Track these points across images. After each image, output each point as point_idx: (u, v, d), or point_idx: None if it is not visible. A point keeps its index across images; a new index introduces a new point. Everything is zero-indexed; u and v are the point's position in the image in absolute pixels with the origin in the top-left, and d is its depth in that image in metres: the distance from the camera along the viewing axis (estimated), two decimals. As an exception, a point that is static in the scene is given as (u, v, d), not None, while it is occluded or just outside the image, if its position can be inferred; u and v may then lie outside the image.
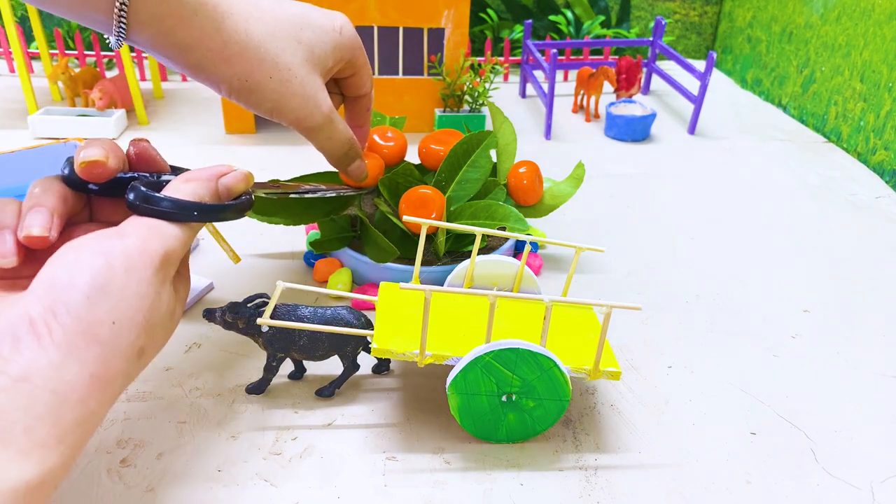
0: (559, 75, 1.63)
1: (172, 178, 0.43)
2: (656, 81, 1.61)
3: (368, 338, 0.57)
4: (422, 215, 0.68)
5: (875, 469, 0.55)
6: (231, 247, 0.63)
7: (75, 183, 0.43)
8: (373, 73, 1.16)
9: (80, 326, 0.33)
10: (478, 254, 0.64)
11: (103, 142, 0.41)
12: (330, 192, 0.65)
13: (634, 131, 1.25)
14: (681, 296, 0.77)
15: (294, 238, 0.85)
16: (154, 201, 0.40)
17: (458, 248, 0.75)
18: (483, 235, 0.68)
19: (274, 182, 0.55)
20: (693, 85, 1.56)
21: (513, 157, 0.81)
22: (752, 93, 1.59)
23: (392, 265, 0.70)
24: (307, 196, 0.62)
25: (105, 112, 1.16)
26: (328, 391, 0.59)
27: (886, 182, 1.11)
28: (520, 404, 0.53)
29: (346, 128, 0.57)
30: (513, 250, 0.80)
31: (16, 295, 0.36)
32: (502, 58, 1.62)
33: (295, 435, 0.55)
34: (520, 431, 0.55)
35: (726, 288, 0.79)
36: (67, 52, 1.48)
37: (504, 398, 0.53)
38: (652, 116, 1.25)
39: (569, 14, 1.69)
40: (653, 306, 0.75)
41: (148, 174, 0.45)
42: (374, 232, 0.69)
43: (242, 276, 0.76)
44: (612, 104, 1.28)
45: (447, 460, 0.53)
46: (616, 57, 1.59)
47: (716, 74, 1.75)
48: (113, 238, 0.37)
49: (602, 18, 1.69)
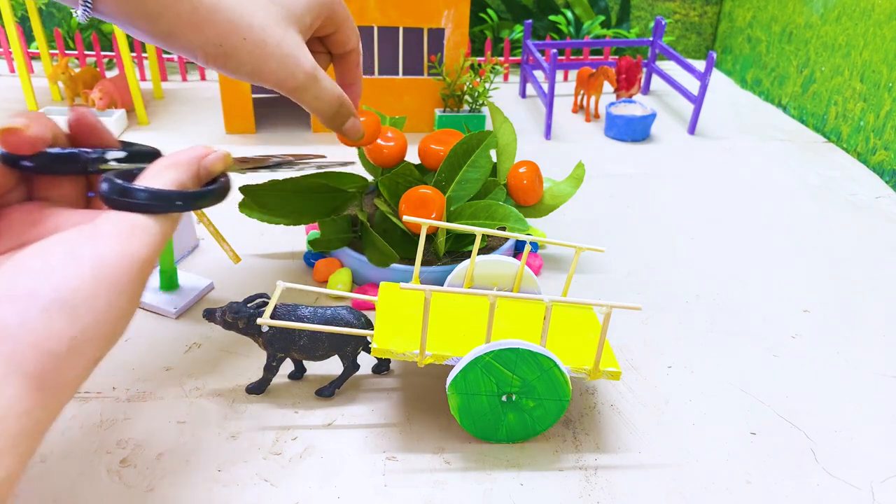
0: (559, 75, 1.62)
1: (124, 154, 0.41)
2: (656, 81, 1.61)
3: (368, 338, 0.57)
4: (422, 215, 0.68)
5: (875, 469, 0.55)
6: (231, 247, 0.63)
7: (8, 160, 0.38)
8: (373, 73, 1.17)
9: (32, 339, 0.30)
10: (478, 254, 0.64)
11: (31, 113, 0.37)
12: (312, 162, 0.56)
13: (634, 131, 1.25)
14: (681, 296, 0.77)
15: (294, 238, 0.85)
16: (131, 193, 0.36)
17: (458, 248, 0.75)
18: (483, 235, 0.68)
19: (242, 159, 0.51)
20: (693, 85, 1.56)
21: (513, 157, 0.81)
22: (752, 93, 1.59)
23: (392, 265, 0.70)
24: (283, 170, 0.54)
25: (105, 112, 1.16)
26: (328, 391, 0.59)
27: (886, 182, 1.11)
28: (520, 404, 0.53)
29: (334, 85, 0.55)
30: (513, 250, 0.80)
31: None
32: (502, 58, 1.62)
33: (295, 435, 0.55)
34: (520, 431, 0.55)
35: (726, 288, 0.79)
36: (67, 52, 1.47)
37: (504, 398, 0.53)
38: (652, 116, 1.25)
39: (569, 14, 1.70)
40: (653, 306, 0.75)
41: (90, 149, 0.40)
42: (375, 236, 0.69)
43: (242, 276, 0.76)
44: (612, 104, 1.28)
45: (447, 460, 0.53)
46: (616, 57, 1.59)
47: (716, 74, 1.75)
48: (86, 240, 0.33)
49: (602, 18, 1.69)
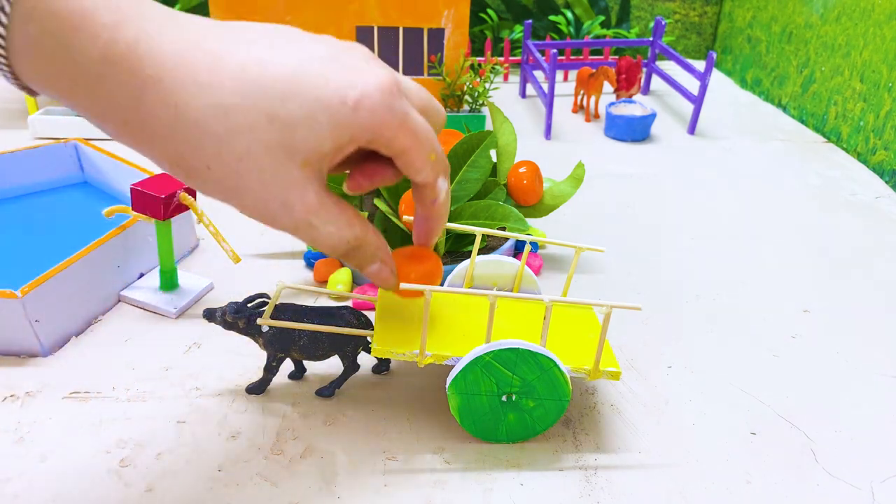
0: (559, 75, 1.62)
1: None
2: (656, 81, 1.61)
3: (368, 338, 0.57)
4: (422, 215, 0.68)
5: (875, 469, 0.55)
6: (231, 247, 0.63)
7: None
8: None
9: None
10: (478, 254, 0.64)
11: None
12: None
13: (634, 131, 1.25)
14: (681, 296, 0.77)
15: (294, 238, 0.84)
16: None
17: (458, 248, 0.75)
18: (483, 235, 0.68)
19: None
20: (693, 85, 1.56)
21: (513, 157, 0.81)
22: (752, 93, 1.59)
23: (392, 265, 0.70)
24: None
25: (105, 112, 1.16)
26: (328, 391, 0.59)
27: (886, 182, 1.11)
28: (520, 404, 0.53)
29: (342, 229, 0.41)
30: (513, 250, 0.80)
31: None
32: (502, 58, 1.62)
33: (295, 435, 0.55)
34: (520, 431, 0.55)
35: (726, 288, 0.79)
36: (67, 52, 1.47)
37: (504, 398, 0.53)
38: (652, 116, 1.25)
39: (569, 14, 1.70)
40: (653, 306, 0.75)
41: None
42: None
43: (242, 276, 0.76)
44: (612, 104, 1.28)
45: (447, 460, 0.53)
46: (616, 57, 1.59)
47: (716, 74, 1.75)
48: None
49: (602, 18, 1.69)
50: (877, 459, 0.56)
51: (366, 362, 0.63)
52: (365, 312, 0.59)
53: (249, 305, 0.56)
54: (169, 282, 0.71)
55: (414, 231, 0.49)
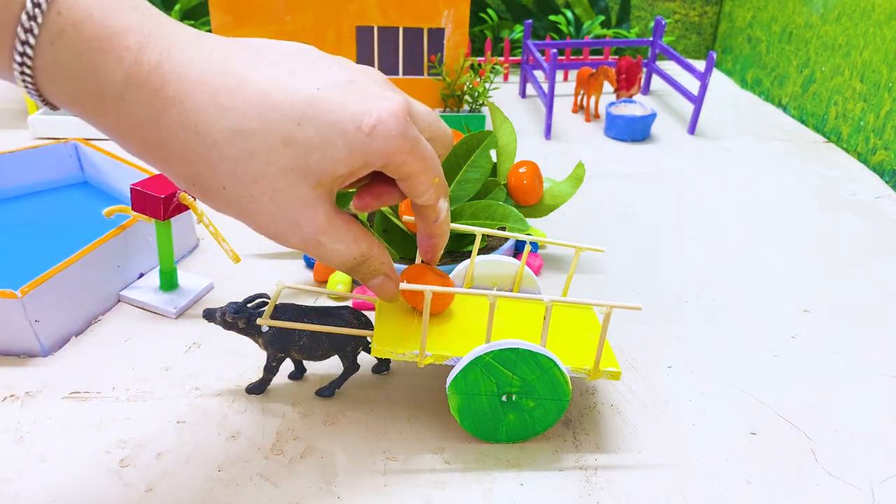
0: (559, 75, 1.62)
1: None
2: (656, 81, 1.61)
3: (368, 338, 0.57)
4: (422, 215, 0.68)
5: (875, 469, 0.55)
6: (231, 247, 0.63)
7: None
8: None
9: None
10: (478, 254, 0.64)
11: None
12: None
13: (634, 131, 1.25)
14: (681, 296, 0.77)
15: (294, 238, 0.85)
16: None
17: (458, 248, 0.75)
18: (483, 235, 0.68)
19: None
20: (693, 85, 1.56)
21: (513, 157, 0.81)
22: (752, 93, 1.59)
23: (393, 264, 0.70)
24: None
25: (105, 112, 1.16)
26: (328, 391, 0.59)
27: (886, 182, 1.11)
28: (520, 404, 0.53)
29: (350, 247, 0.43)
30: (513, 250, 0.80)
31: None
32: (502, 58, 1.62)
33: (295, 435, 0.55)
34: (520, 431, 0.55)
35: (726, 288, 0.79)
36: (67, 52, 1.47)
37: (504, 398, 0.53)
38: (652, 116, 1.25)
39: (569, 14, 1.70)
40: (653, 306, 0.75)
41: None
42: (375, 235, 0.69)
43: (242, 276, 0.76)
44: (612, 104, 1.28)
45: (447, 460, 0.53)
46: (616, 57, 1.59)
47: (716, 74, 1.75)
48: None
49: (602, 18, 1.69)
50: (877, 459, 0.56)
51: (366, 362, 0.63)
52: (365, 312, 0.59)
53: (249, 305, 0.56)
54: (169, 282, 0.71)
55: (419, 249, 0.51)
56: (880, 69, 1.16)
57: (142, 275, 0.74)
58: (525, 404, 0.53)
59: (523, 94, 1.49)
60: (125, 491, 0.49)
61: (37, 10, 0.31)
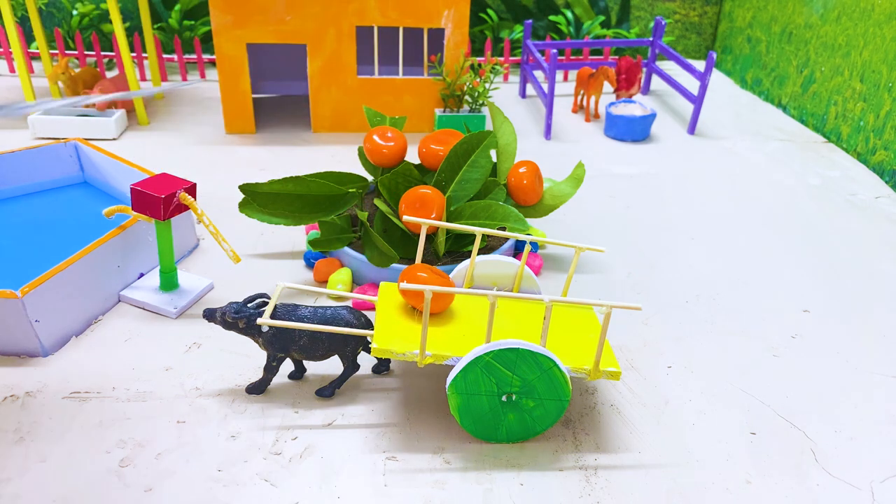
0: (559, 75, 1.62)
1: None
2: (656, 81, 1.61)
3: (368, 338, 0.57)
4: (422, 215, 0.68)
5: (875, 469, 0.55)
6: (231, 247, 0.63)
7: None
8: (374, 73, 1.17)
9: None
10: (478, 254, 0.64)
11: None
12: (94, 98, 0.58)
13: (634, 131, 1.25)
14: (681, 296, 0.77)
15: (294, 238, 0.85)
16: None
17: (458, 248, 0.75)
18: (483, 235, 0.68)
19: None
20: (693, 85, 1.56)
21: (513, 157, 0.81)
22: (752, 93, 1.59)
23: (392, 265, 0.70)
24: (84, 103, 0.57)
25: (105, 112, 1.16)
26: (328, 391, 0.59)
27: (886, 182, 1.11)
28: (520, 404, 0.53)
29: None
30: (513, 250, 0.80)
31: None
32: (502, 58, 1.62)
33: (295, 435, 0.55)
34: (520, 431, 0.55)
35: (726, 288, 0.79)
36: (67, 52, 1.48)
37: (504, 398, 0.53)
38: (652, 116, 1.25)
39: (569, 14, 1.70)
40: (653, 306, 0.75)
41: None
42: (375, 236, 0.69)
43: (242, 276, 0.76)
44: (612, 104, 1.28)
45: (447, 460, 0.53)
46: (616, 57, 1.59)
47: (716, 74, 1.75)
48: None
49: (602, 18, 1.69)
50: (877, 459, 0.56)
51: (366, 362, 0.63)
52: (365, 312, 0.59)
53: (249, 305, 0.56)
54: (169, 282, 0.71)
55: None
56: (880, 69, 1.16)
57: (142, 275, 0.74)
58: (525, 404, 0.53)
59: (523, 94, 1.49)
60: (125, 491, 0.49)
61: None
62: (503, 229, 0.72)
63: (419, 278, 0.56)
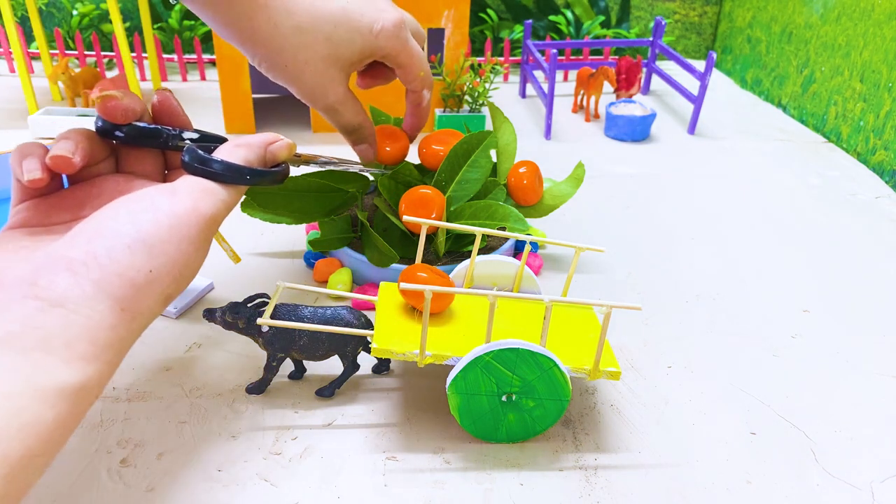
0: (559, 75, 1.63)
1: (197, 136, 0.49)
2: (656, 81, 1.61)
3: (368, 338, 0.57)
4: (422, 215, 0.68)
5: (875, 469, 0.55)
6: (231, 247, 0.63)
7: (104, 132, 0.47)
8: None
9: (117, 269, 0.37)
10: (478, 254, 0.64)
11: (124, 90, 0.47)
12: (352, 168, 0.67)
13: (634, 131, 1.25)
14: (681, 296, 0.77)
15: (294, 238, 0.85)
16: (208, 163, 0.44)
17: (458, 248, 0.75)
18: (483, 235, 0.68)
19: (296, 155, 0.59)
20: (693, 85, 1.56)
21: (513, 157, 0.81)
22: (752, 93, 1.59)
23: (392, 265, 0.70)
24: (328, 168, 0.64)
25: (105, 112, 1.16)
26: (328, 391, 0.59)
27: (886, 182, 1.11)
28: (520, 404, 0.53)
29: (355, 115, 0.63)
30: (513, 250, 0.80)
31: (49, 238, 0.42)
32: (502, 58, 1.62)
33: (295, 435, 0.55)
34: (520, 431, 0.55)
35: (726, 288, 0.79)
36: (67, 52, 1.48)
37: (504, 398, 0.53)
38: (652, 116, 1.25)
39: (569, 14, 1.70)
40: (653, 306, 0.75)
41: (172, 128, 0.49)
42: (375, 236, 0.69)
43: (242, 276, 0.76)
44: (612, 104, 1.28)
45: (447, 460, 0.53)
46: (616, 57, 1.59)
47: (716, 74, 1.75)
48: (164, 195, 0.41)
49: (602, 18, 1.70)
50: (877, 459, 0.56)
51: (366, 362, 0.63)
52: (365, 312, 0.59)
53: (249, 305, 0.56)
54: (169, 282, 0.71)
55: (404, 124, 0.72)
56: (880, 69, 1.16)
57: (142, 275, 0.73)
58: (525, 404, 0.53)
59: (523, 94, 1.49)
60: (125, 491, 0.49)
61: None
62: (503, 229, 0.72)
63: (419, 278, 0.56)
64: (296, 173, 0.72)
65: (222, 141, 0.50)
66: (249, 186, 0.47)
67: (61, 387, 0.34)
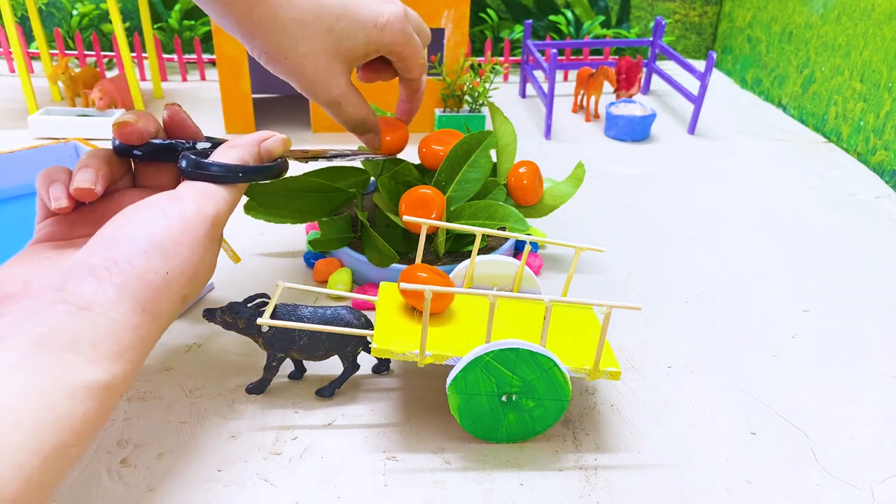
0: (559, 75, 1.63)
1: (209, 145, 0.51)
2: (656, 81, 1.61)
3: (368, 338, 0.57)
4: (422, 215, 0.68)
5: (875, 469, 0.55)
6: (231, 247, 0.63)
7: (122, 151, 0.50)
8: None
9: (137, 273, 0.39)
10: (478, 254, 0.64)
11: (137, 110, 0.49)
12: (359, 157, 0.68)
13: (634, 131, 1.25)
14: (681, 296, 0.77)
15: (294, 238, 0.85)
16: (204, 167, 0.46)
17: (458, 248, 0.75)
18: (483, 235, 0.68)
19: (303, 151, 0.61)
20: (693, 85, 1.56)
21: (513, 157, 0.81)
22: (752, 93, 1.59)
23: (392, 265, 0.70)
24: (336, 162, 0.64)
25: (105, 112, 1.16)
26: (328, 391, 0.59)
27: (886, 182, 1.11)
28: (520, 404, 0.53)
29: (358, 109, 0.62)
30: (513, 250, 0.80)
31: (72, 251, 0.45)
32: (502, 58, 1.62)
33: (295, 435, 0.55)
34: (520, 431, 0.55)
35: (726, 288, 0.79)
36: (67, 52, 1.48)
37: (504, 398, 0.53)
38: (652, 116, 1.25)
39: (569, 14, 1.70)
40: (653, 306, 0.75)
41: (185, 141, 0.51)
42: (375, 236, 0.69)
43: (242, 276, 0.76)
44: (612, 104, 1.28)
45: (447, 460, 0.53)
46: (616, 57, 1.59)
47: (716, 74, 1.75)
48: (171, 202, 0.43)
49: (602, 18, 1.70)
50: (877, 459, 0.56)
51: (366, 362, 0.63)
52: (365, 312, 0.59)
53: (249, 305, 0.56)
54: (169, 282, 0.71)
55: (397, 110, 0.70)
56: (880, 69, 1.16)
57: (142, 275, 0.73)
58: (525, 404, 0.53)
59: (523, 94, 1.49)
60: (125, 491, 0.49)
61: None
62: (503, 229, 0.72)
63: (419, 278, 0.56)
64: (296, 173, 0.72)
65: None
66: (249, 184, 0.48)
67: (89, 385, 0.35)
